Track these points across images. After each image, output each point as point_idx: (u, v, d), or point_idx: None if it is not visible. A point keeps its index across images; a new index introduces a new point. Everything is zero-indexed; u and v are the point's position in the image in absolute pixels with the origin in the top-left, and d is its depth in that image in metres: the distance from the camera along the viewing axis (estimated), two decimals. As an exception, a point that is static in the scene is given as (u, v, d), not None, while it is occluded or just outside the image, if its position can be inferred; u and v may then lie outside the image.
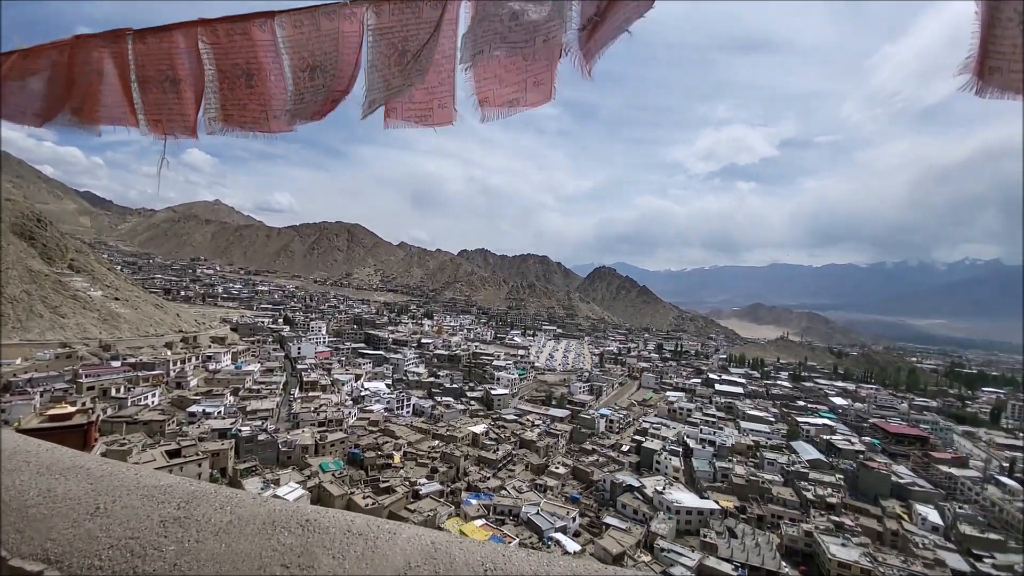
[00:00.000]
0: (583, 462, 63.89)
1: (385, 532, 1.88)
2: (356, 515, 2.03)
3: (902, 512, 55.06)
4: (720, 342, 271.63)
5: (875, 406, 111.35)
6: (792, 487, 59.30)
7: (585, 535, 43.99)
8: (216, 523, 1.88)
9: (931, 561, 43.93)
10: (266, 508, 2.03)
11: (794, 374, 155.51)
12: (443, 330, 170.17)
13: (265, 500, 2.13)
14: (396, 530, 1.91)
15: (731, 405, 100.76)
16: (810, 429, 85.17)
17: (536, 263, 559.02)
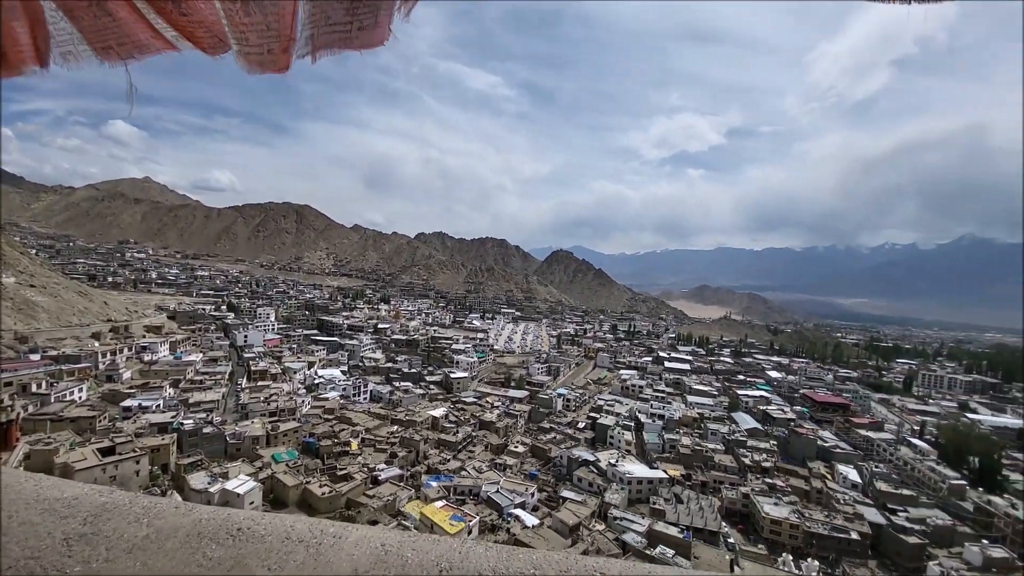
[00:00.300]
0: (541, 440, 65.63)
1: (330, 537, 1.74)
2: (298, 518, 1.88)
3: (826, 472, 60.95)
4: (670, 322, 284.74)
5: (805, 378, 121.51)
6: (732, 454, 64.03)
7: (543, 509, 45.52)
8: (130, 538, 1.68)
9: (851, 515, 49.19)
10: (191, 518, 1.83)
11: (736, 350, 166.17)
12: (401, 315, 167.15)
13: (190, 509, 1.90)
14: (342, 533, 1.76)
15: (679, 381, 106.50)
16: (749, 401, 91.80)
17: (495, 246, 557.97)
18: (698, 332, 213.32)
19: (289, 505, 41.08)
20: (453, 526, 36.43)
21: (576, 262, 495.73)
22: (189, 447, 46.94)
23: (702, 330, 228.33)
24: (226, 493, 38.08)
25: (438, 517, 37.79)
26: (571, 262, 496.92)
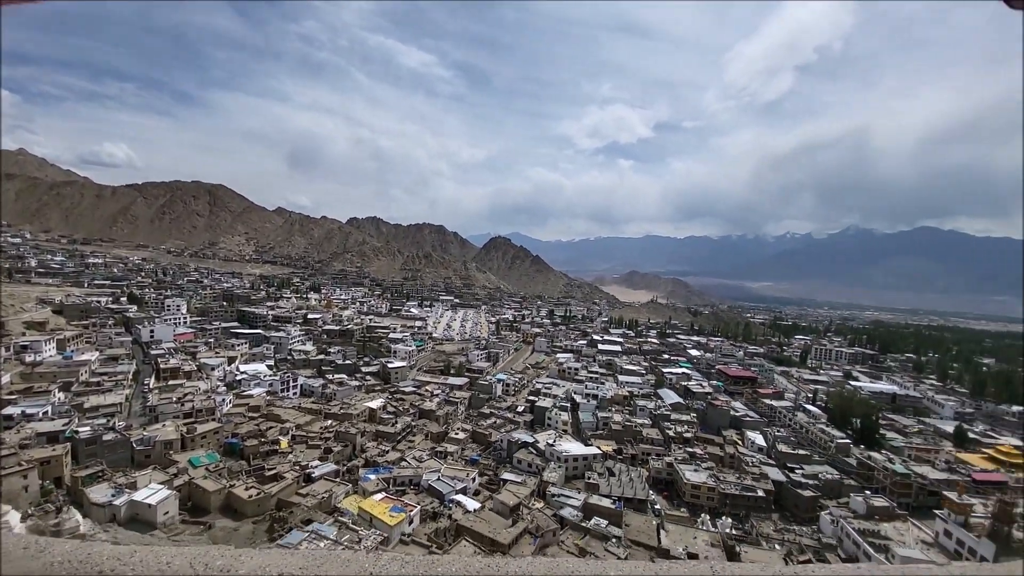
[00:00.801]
0: (482, 425, 66.40)
1: (216, 571, 1.46)
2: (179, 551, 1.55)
3: (737, 439, 67.86)
4: (603, 306, 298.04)
5: (720, 355, 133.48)
6: (658, 427, 69.11)
7: (485, 492, 46.34)
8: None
9: (758, 475, 55.31)
10: (42, 561, 1.51)
11: (661, 332, 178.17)
12: (333, 304, 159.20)
13: (42, 548, 1.58)
14: (232, 566, 1.49)
15: (611, 362, 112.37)
16: (673, 377, 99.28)
17: (432, 233, 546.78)
18: (628, 315, 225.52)
19: (212, 511, 38.24)
20: (393, 517, 36.04)
21: (514, 249, 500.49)
22: (87, 457, 41.85)
23: (632, 313, 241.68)
24: (135, 505, 34.62)
25: (377, 510, 37.16)
26: (509, 249, 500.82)
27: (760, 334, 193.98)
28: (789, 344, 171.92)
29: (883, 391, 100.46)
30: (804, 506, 50.39)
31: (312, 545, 30.92)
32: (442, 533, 37.66)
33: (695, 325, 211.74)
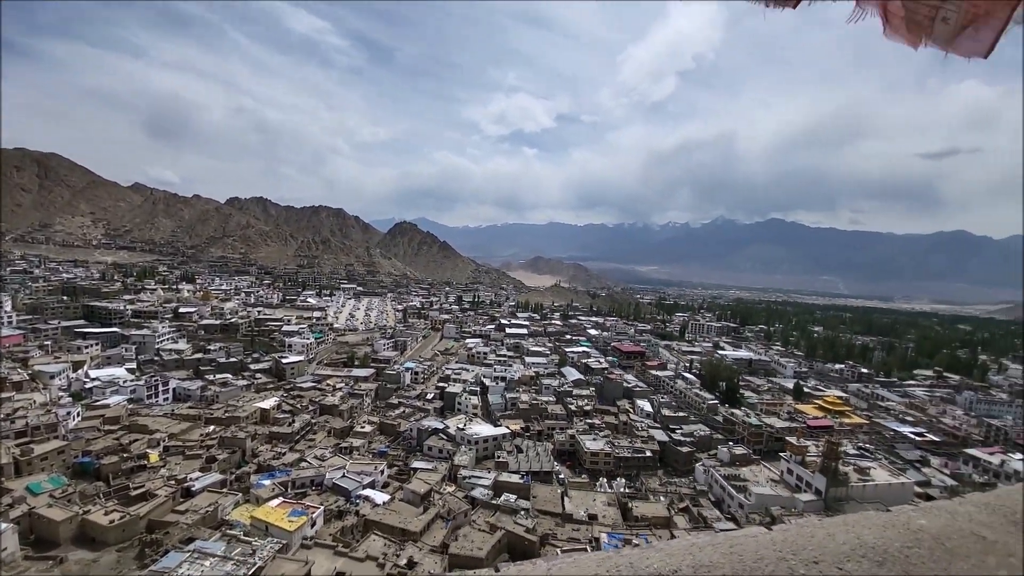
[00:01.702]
0: (390, 416, 64.72)
1: None
2: None
3: (629, 407, 75.06)
4: (510, 291, 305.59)
5: (615, 333, 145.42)
6: (561, 403, 73.61)
7: (394, 484, 45.51)
8: None
9: (646, 438, 61.93)
10: None
11: (564, 314, 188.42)
12: (211, 295, 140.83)
13: None
14: None
15: (518, 344, 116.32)
16: (574, 356, 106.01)
17: (330, 216, 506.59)
18: (534, 299, 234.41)
19: (62, 543, 32.29)
20: (292, 522, 33.86)
21: (421, 234, 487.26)
22: None
23: (537, 297, 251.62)
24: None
25: (274, 517, 34.58)
26: (415, 234, 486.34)
27: (648, 313, 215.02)
28: (671, 321, 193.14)
29: (742, 357, 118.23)
30: (683, 460, 57.84)
31: (195, 565, 27.79)
32: (349, 531, 36.33)
33: (594, 307, 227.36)
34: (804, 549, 1.55)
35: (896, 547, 1.57)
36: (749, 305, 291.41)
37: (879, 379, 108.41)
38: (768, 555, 1.47)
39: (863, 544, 1.57)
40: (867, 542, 1.58)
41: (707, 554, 1.45)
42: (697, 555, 1.44)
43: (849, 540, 1.59)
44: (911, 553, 1.55)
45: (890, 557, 1.52)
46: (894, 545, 1.57)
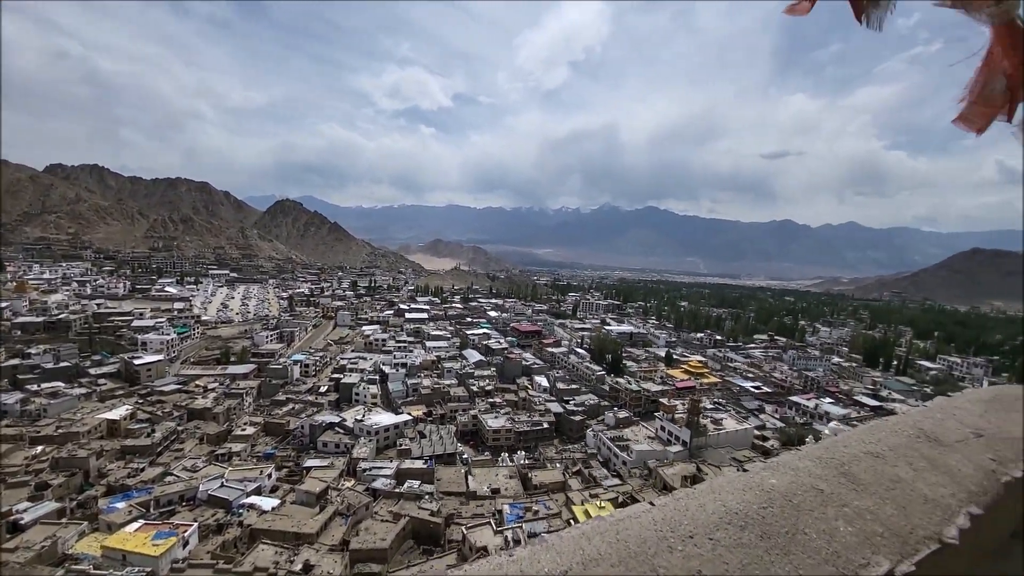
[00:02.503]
0: (276, 415, 59.51)
1: None
2: None
3: (528, 384, 78.86)
4: (409, 275, 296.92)
5: (513, 314, 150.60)
6: (463, 385, 74.57)
7: (285, 487, 42.25)
8: None
9: (543, 411, 65.78)
10: None
11: (464, 297, 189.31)
12: (27, 286, 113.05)
13: None
14: None
15: (419, 329, 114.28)
16: (475, 338, 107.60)
17: (193, 191, 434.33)
18: (434, 283, 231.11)
19: None
20: (158, 546, 29.69)
21: (307, 214, 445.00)
22: None
23: (437, 281, 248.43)
24: None
25: (133, 543, 29.95)
26: (301, 214, 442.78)
27: (544, 294, 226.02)
28: (564, 300, 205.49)
29: (625, 331, 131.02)
30: (576, 428, 62.87)
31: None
32: (232, 545, 33.02)
33: (493, 289, 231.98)
34: (680, 524, 1.63)
35: (754, 509, 1.72)
36: (630, 284, 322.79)
37: (729, 344, 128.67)
38: (650, 536, 1.54)
39: (728, 511, 1.71)
40: (731, 508, 1.73)
41: (595, 545, 1.49)
42: (586, 548, 1.47)
43: (717, 508, 1.72)
44: (766, 513, 1.72)
45: (750, 520, 1.67)
46: (752, 508, 1.73)
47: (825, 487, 1.96)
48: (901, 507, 1.92)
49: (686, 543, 1.54)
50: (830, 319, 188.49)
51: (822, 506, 1.80)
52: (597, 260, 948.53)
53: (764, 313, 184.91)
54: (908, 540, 1.74)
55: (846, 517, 1.76)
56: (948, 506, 1.99)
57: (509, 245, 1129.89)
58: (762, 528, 1.65)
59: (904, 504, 1.94)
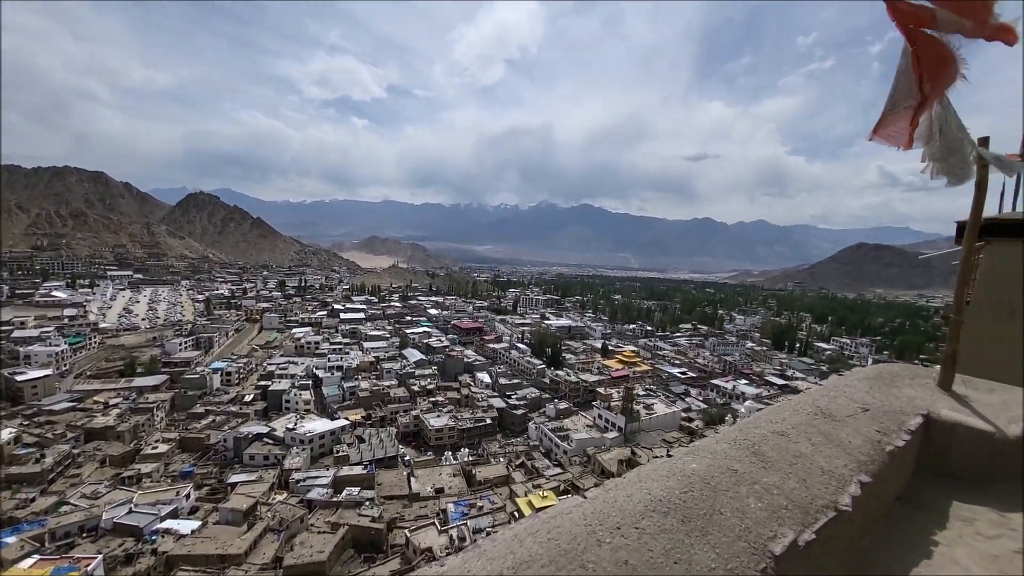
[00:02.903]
0: (194, 429, 54.50)
1: None
2: None
3: (470, 381, 78.73)
4: (343, 273, 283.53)
5: (454, 312, 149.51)
6: (404, 385, 72.87)
7: (207, 506, 38.86)
8: None
9: (486, 407, 66.08)
10: None
11: (403, 295, 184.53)
12: None
13: None
14: None
15: (355, 330, 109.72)
16: (415, 337, 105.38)
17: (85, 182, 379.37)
18: (371, 281, 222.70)
19: None
20: (56, 583, 26.15)
21: (225, 209, 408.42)
22: None
23: (374, 279, 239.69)
24: None
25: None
26: (218, 208, 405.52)
27: (484, 290, 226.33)
28: (505, 297, 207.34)
29: (563, 325, 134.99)
30: (518, 422, 63.87)
31: None
32: (145, 575, 29.87)
33: (433, 286, 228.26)
34: (609, 516, 1.67)
35: (676, 495, 1.82)
36: (568, 280, 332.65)
37: (658, 334, 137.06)
38: (580, 532, 1.57)
39: (653, 498, 1.80)
40: (656, 495, 1.82)
41: (527, 547, 1.48)
42: (517, 551, 1.46)
43: (643, 497, 1.81)
44: (687, 497, 1.82)
45: (673, 506, 1.77)
46: (675, 493, 1.83)
47: (739, 467, 2.13)
48: (802, 480, 2.11)
49: (614, 535, 1.57)
50: (744, 308, 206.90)
51: (736, 485, 1.97)
52: (536, 256, 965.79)
53: (688, 304, 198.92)
54: (809, 510, 1.90)
55: (756, 494, 1.93)
56: (842, 476, 2.22)
57: (448, 242, 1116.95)
58: (683, 512, 1.73)
59: (805, 477, 2.14)
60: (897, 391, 3.59)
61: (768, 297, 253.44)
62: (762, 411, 3.00)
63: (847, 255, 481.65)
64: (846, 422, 2.85)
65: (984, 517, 2.71)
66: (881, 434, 2.76)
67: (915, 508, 2.77)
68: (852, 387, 3.60)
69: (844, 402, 3.19)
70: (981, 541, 2.48)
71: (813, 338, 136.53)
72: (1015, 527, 2.60)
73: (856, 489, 2.12)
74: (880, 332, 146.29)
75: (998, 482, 3.00)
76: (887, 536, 2.50)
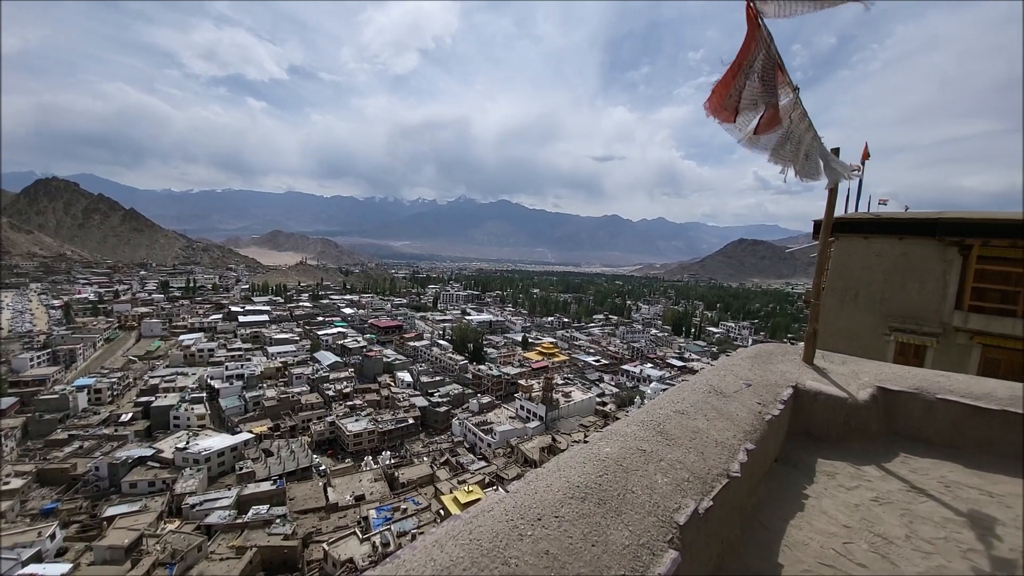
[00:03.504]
0: (55, 458, 46.23)
1: None
2: None
3: (390, 381, 76.24)
4: (241, 272, 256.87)
5: (372, 310, 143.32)
6: (317, 391, 68.43)
7: (78, 546, 33.23)
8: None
9: (408, 407, 64.45)
10: None
11: (314, 294, 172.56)
12: None
13: None
14: None
15: (258, 334, 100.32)
16: (328, 338, 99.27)
17: None
18: (275, 280, 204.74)
19: None
20: None
21: (87, 198, 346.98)
22: None
23: (280, 278, 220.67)
24: None
25: None
26: (77, 197, 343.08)
27: (403, 287, 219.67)
28: (425, 293, 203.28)
29: (484, 320, 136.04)
30: (441, 419, 63.30)
31: None
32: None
33: (347, 284, 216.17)
34: (530, 509, 1.71)
35: (592, 479, 1.93)
36: (488, 275, 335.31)
37: (574, 325, 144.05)
38: (501, 528, 1.59)
39: (571, 485, 1.89)
40: (574, 482, 1.92)
41: (448, 552, 1.46)
42: (438, 557, 1.44)
43: (561, 485, 1.89)
44: (602, 480, 1.94)
45: (589, 491, 1.87)
46: (591, 478, 1.94)
47: (647, 447, 2.34)
48: (700, 453, 2.36)
49: (535, 526, 1.63)
50: (648, 298, 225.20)
51: (645, 464, 2.17)
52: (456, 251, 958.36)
53: (600, 296, 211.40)
54: (707, 480, 2.13)
55: (662, 470, 2.14)
56: (732, 446, 2.52)
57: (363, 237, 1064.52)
58: (599, 495, 1.87)
59: (703, 450, 2.39)
60: (772, 367, 4.12)
61: (668, 288, 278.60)
62: (665, 393, 3.33)
63: (730, 249, 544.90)
64: (733, 398, 3.22)
65: (844, 471, 3.15)
66: (761, 406, 3.16)
67: (790, 467, 3.22)
68: (737, 365, 4.09)
69: (731, 380, 3.63)
70: (843, 492, 2.89)
71: (705, 323, 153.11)
72: (869, 478, 3.07)
73: (744, 456, 2.41)
74: (758, 316, 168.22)
75: (853, 440, 3.54)
76: (768, 494, 2.86)
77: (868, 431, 3.54)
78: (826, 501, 2.76)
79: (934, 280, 7.96)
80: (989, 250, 7.46)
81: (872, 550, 2.24)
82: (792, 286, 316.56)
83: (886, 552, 2.24)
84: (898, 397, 3.72)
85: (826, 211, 4.19)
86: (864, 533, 2.41)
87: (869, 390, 3.69)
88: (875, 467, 3.20)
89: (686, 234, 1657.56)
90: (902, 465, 3.26)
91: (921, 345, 8.02)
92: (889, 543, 2.31)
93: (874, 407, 3.61)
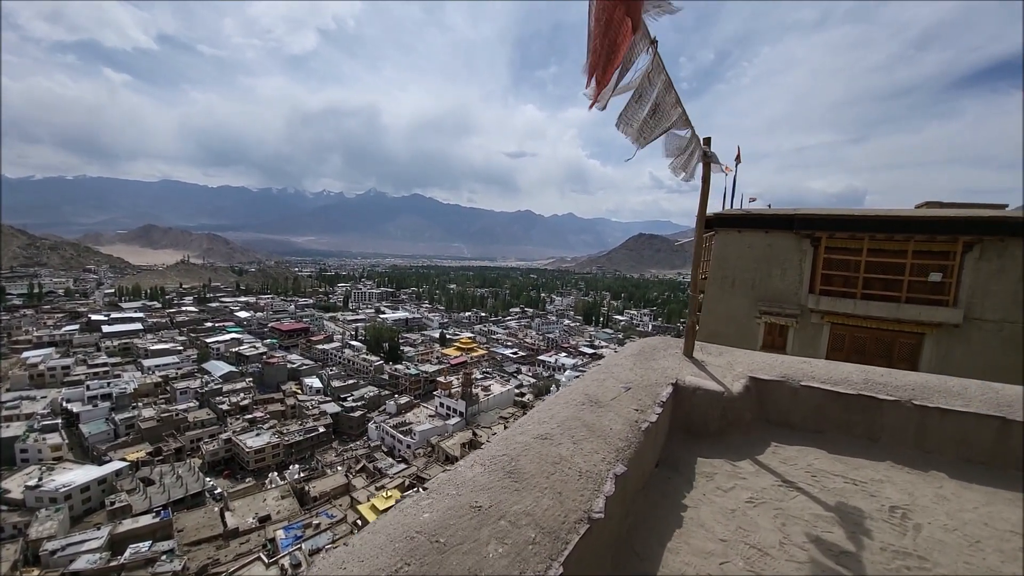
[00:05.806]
0: None
1: None
2: None
3: (297, 389, 70.98)
4: (104, 274, 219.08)
5: (272, 312, 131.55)
6: (208, 406, 61.37)
7: None
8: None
9: (318, 415, 60.51)
10: None
11: (200, 297, 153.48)
12: None
13: None
14: None
15: (128, 346, 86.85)
16: (220, 346, 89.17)
17: None
18: (149, 282, 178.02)
19: None
20: None
21: None
22: None
23: (155, 279, 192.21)
24: None
25: None
26: None
27: (309, 286, 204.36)
28: (334, 292, 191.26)
29: (400, 318, 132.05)
30: (356, 425, 60.52)
31: None
32: None
33: (241, 285, 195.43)
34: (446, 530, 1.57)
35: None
36: (403, 271, 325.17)
37: (492, 319, 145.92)
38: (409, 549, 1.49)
39: None
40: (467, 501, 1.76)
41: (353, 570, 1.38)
42: None
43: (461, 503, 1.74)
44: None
45: None
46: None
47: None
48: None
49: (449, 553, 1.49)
50: (561, 291, 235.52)
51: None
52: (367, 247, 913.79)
53: (516, 289, 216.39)
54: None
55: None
56: (599, 475, 2.06)
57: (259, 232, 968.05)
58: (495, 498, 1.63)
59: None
60: (655, 363, 3.92)
61: (579, 280, 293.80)
62: (534, 409, 2.89)
63: (632, 243, 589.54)
64: (610, 406, 2.88)
65: (721, 469, 2.97)
66: (639, 412, 2.86)
67: (671, 470, 2.99)
68: (619, 365, 3.81)
69: (611, 384, 3.33)
70: (720, 496, 2.64)
71: (612, 312, 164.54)
72: (744, 475, 2.89)
73: (611, 487, 2.00)
74: (656, 304, 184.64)
75: (729, 433, 3.44)
76: (646, 508, 2.53)
77: (743, 422, 3.55)
78: (704, 510, 2.51)
79: (793, 268, 9.35)
80: (834, 241, 8.90)
81: (748, 568, 2.07)
82: (683, 276, 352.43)
83: (761, 568, 2.07)
84: (768, 386, 3.76)
85: (700, 202, 4.16)
86: (740, 546, 2.21)
87: (743, 381, 3.68)
88: (750, 461, 3.13)
89: (594, 228, 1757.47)
90: (773, 456, 3.23)
91: (785, 325, 9.47)
92: (764, 555, 2.16)
93: (747, 397, 3.62)
